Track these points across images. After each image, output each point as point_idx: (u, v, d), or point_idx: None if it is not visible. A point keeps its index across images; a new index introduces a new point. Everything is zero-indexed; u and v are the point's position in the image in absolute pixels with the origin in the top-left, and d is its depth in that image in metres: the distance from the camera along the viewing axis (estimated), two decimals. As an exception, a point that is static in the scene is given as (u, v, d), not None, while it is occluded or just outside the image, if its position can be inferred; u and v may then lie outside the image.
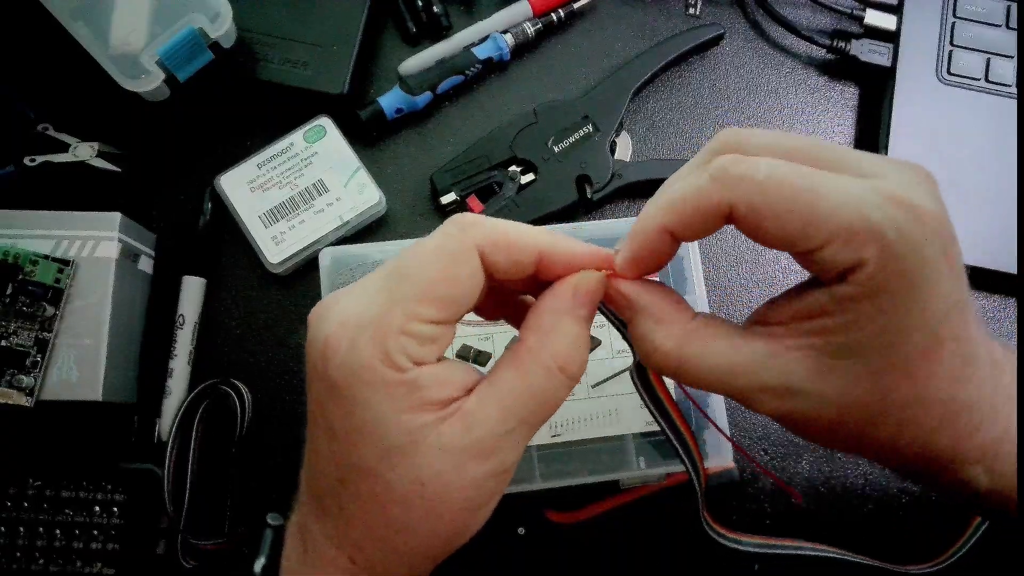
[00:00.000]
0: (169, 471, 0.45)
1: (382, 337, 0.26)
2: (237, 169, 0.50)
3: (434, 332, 0.26)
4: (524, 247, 0.27)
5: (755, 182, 0.24)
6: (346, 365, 0.26)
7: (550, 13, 0.54)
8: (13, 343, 0.43)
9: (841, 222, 0.23)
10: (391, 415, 0.26)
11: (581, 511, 0.46)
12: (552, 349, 0.27)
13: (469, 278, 0.27)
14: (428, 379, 0.26)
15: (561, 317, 0.27)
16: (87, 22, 0.47)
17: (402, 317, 0.26)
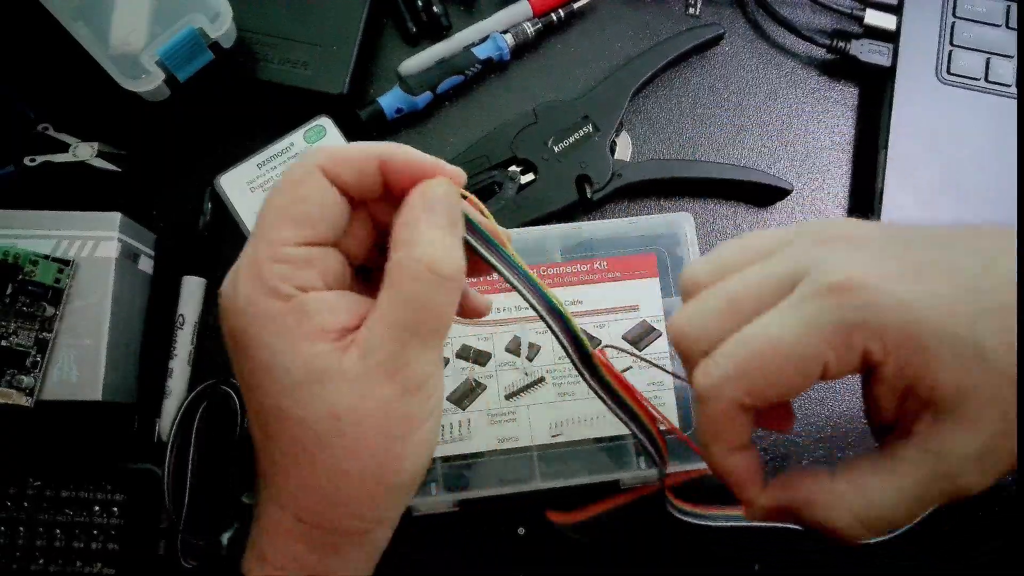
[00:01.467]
0: (169, 471, 0.45)
1: (255, 270, 0.26)
2: (237, 169, 0.50)
3: (305, 253, 0.27)
4: (361, 157, 0.28)
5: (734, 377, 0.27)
6: (234, 309, 0.27)
7: (550, 13, 0.54)
8: (13, 343, 0.43)
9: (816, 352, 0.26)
10: (286, 347, 0.26)
11: (581, 511, 0.46)
12: (413, 254, 0.27)
13: (317, 194, 0.27)
14: (316, 304, 0.26)
15: (415, 224, 0.27)
16: (87, 22, 0.47)
17: (267, 247, 0.26)
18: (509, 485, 0.44)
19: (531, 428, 0.44)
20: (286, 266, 0.26)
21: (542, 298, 0.31)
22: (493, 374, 0.45)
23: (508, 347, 0.45)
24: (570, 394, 0.45)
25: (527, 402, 0.45)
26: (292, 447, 0.27)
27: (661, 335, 0.46)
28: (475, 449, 0.44)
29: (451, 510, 0.45)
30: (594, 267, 0.47)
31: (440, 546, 0.47)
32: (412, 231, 0.27)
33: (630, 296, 0.46)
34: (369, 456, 0.27)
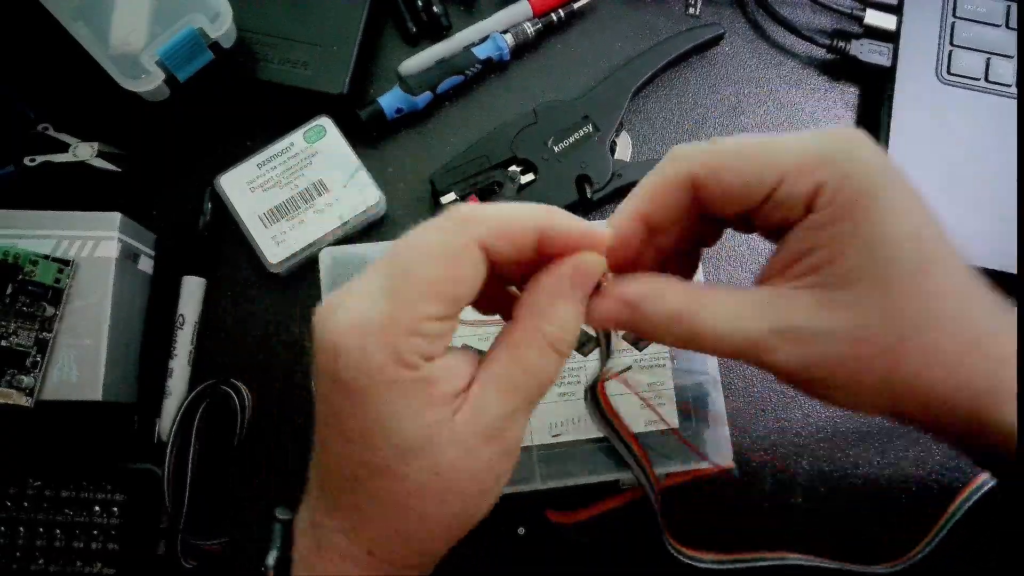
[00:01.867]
0: (169, 471, 0.45)
1: (393, 339, 0.26)
2: (237, 169, 0.50)
3: (441, 329, 0.27)
4: (525, 232, 0.27)
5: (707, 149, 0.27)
6: (358, 368, 0.26)
7: (550, 13, 0.54)
8: (13, 343, 0.43)
9: (791, 157, 0.26)
10: (408, 414, 0.26)
11: (581, 511, 0.46)
12: (546, 328, 0.27)
13: (473, 275, 0.27)
14: (440, 373, 0.26)
15: (557, 298, 0.28)
16: (87, 22, 0.47)
17: (409, 318, 0.26)
18: (509, 485, 0.44)
19: (531, 428, 0.44)
20: (422, 340, 0.26)
21: None
22: (493, 374, 0.45)
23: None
24: (570, 394, 0.45)
25: (527, 402, 0.45)
26: (386, 498, 0.27)
27: (661, 335, 0.46)
28: (475, 449, 0.44)
29: (451, 510, 0.45)
30: (594, 267, 0.47)
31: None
32: (551, 301, 0.28)
33: (630, 296, 0.46)
34: (459, 508, 0.28)
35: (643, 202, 0.29)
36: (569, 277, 0.28)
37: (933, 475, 0.49)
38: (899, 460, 0.49)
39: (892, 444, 0.50)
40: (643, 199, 0.29)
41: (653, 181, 0.28)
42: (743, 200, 0.27)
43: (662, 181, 0.28)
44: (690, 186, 0.28)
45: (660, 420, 0.44)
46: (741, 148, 0.27)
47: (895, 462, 0.49)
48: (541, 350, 0.27)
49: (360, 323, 0.26)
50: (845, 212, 0.25)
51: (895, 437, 0.50)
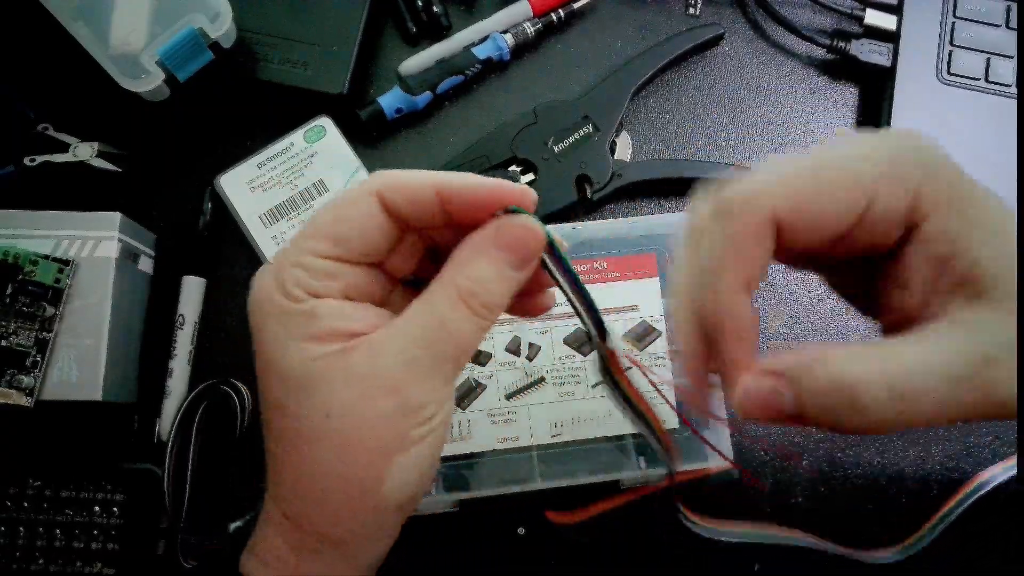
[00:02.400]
0: (169, 471, 0.45)
1: (277, 270, 0.27)
2: (237, 169, 0.50)
3: (328, 267, 0.27)
4: (418, 185, 0.28)
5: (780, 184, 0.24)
6: (252, 302, 0.28)
7: (550, 13, 0.54)
8: (13, 343, 0.43)
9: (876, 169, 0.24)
10: (289, 342, 0.26)
11: (581, 511, 0.46)
12: (459, 280, 0.27)
13: (361, 217, 0.28)
14: (327, 310, 0.27)
15: (476, 253, 0.27)
16: (87, 22, 0.47)
17: (295, 252, 0.27)
18: (509, 485, 0.44)
19: (531, 428, 0.44)
20: (304, 272, 0.27)
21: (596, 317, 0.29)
22: (493, 374, 0.45)
23: (508, 347, 0.45)
24: (570, 394, 0.45)
25: (527, 402, 0.45)
26: (284, 439, 0.27)
27: (661, 335, 0.46)
28: (475, 449, 0.44)
29: (451, 510, 0.45)
30: (594, 267, 0.47)
31: (440, 546, 0.47)
32: (466, 257, 0.27)
33: (630, 296, 0.46)
34: (354, 462, 0.27)
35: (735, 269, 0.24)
36: (489, 232, 0.27)
37: (933, 475, 0.49)
38: (899, 460, 0.49)
39: (892, 444, 0.50)
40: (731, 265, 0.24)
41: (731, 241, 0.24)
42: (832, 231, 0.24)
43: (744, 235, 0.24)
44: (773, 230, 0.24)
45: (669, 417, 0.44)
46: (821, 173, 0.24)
47: (895, 462, 0.49)
48: (452, 302, 0.27)
49: (263, 266, 0.28)
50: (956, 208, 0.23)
51: (895, 437, 0.50)
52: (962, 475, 0.49)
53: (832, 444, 0.49)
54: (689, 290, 0.26)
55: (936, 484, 0.49)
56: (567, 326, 0.46)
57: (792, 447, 0.49)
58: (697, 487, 0.46)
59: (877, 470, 0.49)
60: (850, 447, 0.49)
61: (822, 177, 0.24)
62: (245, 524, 0.45)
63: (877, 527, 0.48)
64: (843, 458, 0.49)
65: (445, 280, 0.27)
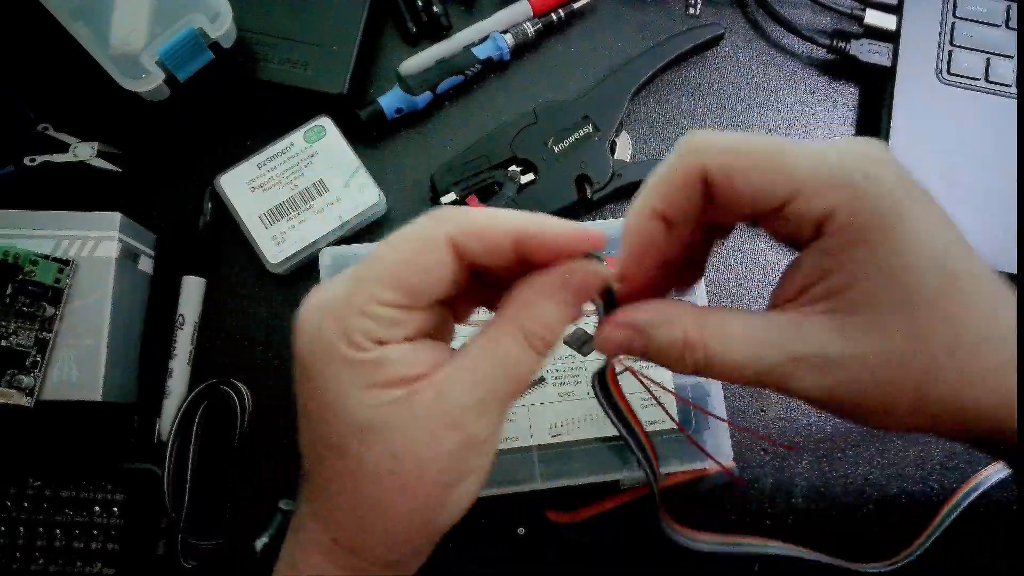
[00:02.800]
0: (169, 471, 0.45)
1: (343, 317, 0.26)
2: (237, 169, 0.50)
3: (396, 316, 0.27)
4: (497, 233, 0.27)
5: (722, 145, 0.26)
6: (311, 344, 0.27)
7: (550, 13, 0.54)
8: (13, 343, 0.43)
9: (806, 172, 0.25)
10: (357, 391, 0.26)
11: (581, 511, 0.46)
12: (524, 320, 0.27)
13: (435, 266, 0.27)
14: (393, 356, 0.26)
15: (542, 295, 0.28)
16: (87, 22, 0.47)
17: (363, 298, 0.26)
18: (509, 485, 0.44)
19: (531, 428, 0.44)
20: (373, 323, 0.26)
21: None
22: (493, 374, 0.45)
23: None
24: (570, 394, 0.45)
25: (527, 402, 0.45)
26: (346, 478, 0.27)
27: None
28: (475, 449, 0.44)
29: (451, 510, 0.45)
30: (594, 267, 0.47)
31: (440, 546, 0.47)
32: (533, 300, 0.27)
33: (630, 296, 0.46)
34: (419, 499, 0.27)
35: (655, 195, 0.27)
36: (558, 277, 0.28)
37: (933, 475, 0.49)
38: (899, 460, 0.49)
39: (892, 444, 0.50)
40: (655, 195, 0.27)
41: (665, 175, 0.27)
42: (751, 208, 0.26)
43: (673, 173, 0.27)
44: (702, 178, 0.26)
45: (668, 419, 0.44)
46: (761, 153, 0.26)
47: (895, 462, 0.49)
48: (516, 342, 0.27)
49: (319, 303, 0.27)
50: (859, 237, 0.24)
51: (895, 437, 0.50)
52: (962, 475, 0.49)
53: (832, 444, 0.49)
54: None
55: (936, 483, 0.49)
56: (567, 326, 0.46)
57: (792, 447, 0.49)
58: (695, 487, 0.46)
59: (877, 470, 0.49)
60: (850, 447, 0.49)
61: (759, 159, 0.26)
62: (273, 541, 0.45)
63: (877, 527, 0.48)
64: (843, 458, 0.49)
65: (508, 318, 0.27)
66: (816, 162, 0.25)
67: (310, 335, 0.27)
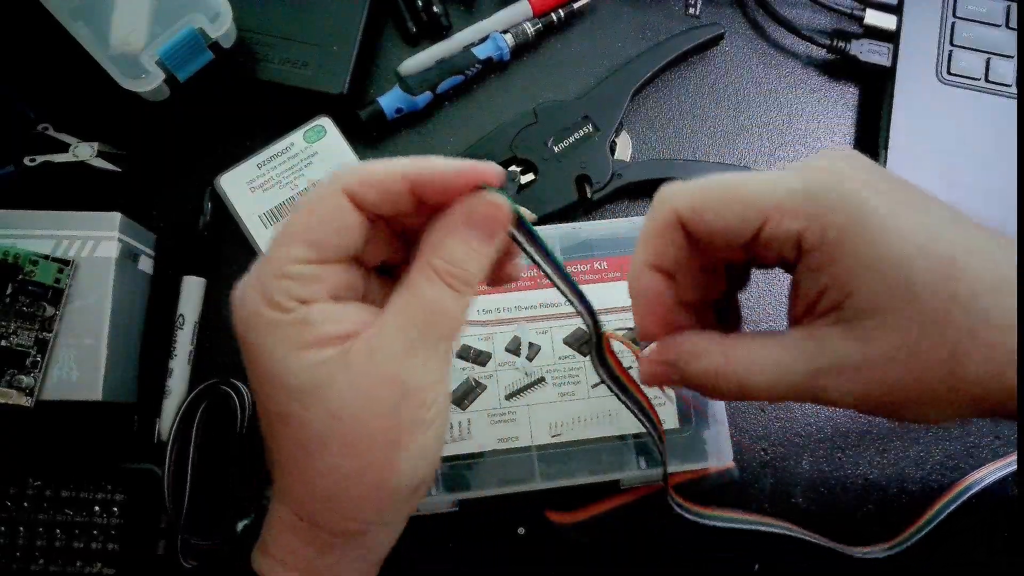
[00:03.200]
0: (169, 471, 0.45)
1: (261, 283, 0.27)
2: (237, 169, 0.50)
3: (312, 271, 0.27)
4: (387, 176, 0.28)
5: (690, 189, 0.28)
6: (240, 318, 0.28)
7: (550, 13, 0.54)
8: (13, 343, 0.43)
9: (769, 199, 0.26)
10: (288, 354, 0.26)
11: (581, 511, 0.46)
12: (435, 262, 0.27)
13: (334, 216, 0.28)
14: (318, 315, 0.27)
15: (447, 233, 0.28)
16: (87, 22, 0.47)
17: (276, 262, 0.27)
18: (509, 485, 0.44)
19: (531, 428, 0.44)
20: (290, 282, 0.27)
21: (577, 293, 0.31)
22: (493, 374, 0.45)
23: (508, 347, 0.45)
24: (570, 394, 0.45)
25: (527, 402, 0.45)
26: (293, 447, 0.27)
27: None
28: (475, 449, 0.44)
29: (451, 510, 0.45)
30: (594, 267, 0.47)
31: (440, 546, 0.47)
32: (440, 237, 0.28)
33: (630, 296, 0.46)
34: (366, 458, 0.27)
35: (643, 251, 0.29)
36: (458, 213, 0.28)
37: (933, 475, 0.49)
38: (899, 460, 0.49)
39: (892, 444, 0.50)
40: (645, 250, 0.29)
41: (648, 229, 0.29)
42: (729, 241, 0.27)
43: (653, 226, 0.29)
44: (679, 227, 0.28)
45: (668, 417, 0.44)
46: (724, 188, 0.27)
47: (895, 462, 0.49)
48: (431, 282, 0.27)
49: (243, 279, 0.28)
50: (838, 249, 0.25)
51: (895, 437, 0.50)
52: (962, 474, 0.49)
53: (832, 444, 0.49)
54: None
55: (936, 483, 0.49)
56: (567, 326, 0.46)
57: (792, 447, 0.49)
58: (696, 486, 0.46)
59: (877, 470, 0.49)
60: (850, 447, 0.49)
61: (726, 194, 0.27)
62: (252, 522, 0.45)
63: (877, 527, 0.48)
64: (843, 458, 0.49)
65: (422, 264, 0.28)
66: (775, 187, 0.26)
67: (239, 308, 0.28)
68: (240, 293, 0.28)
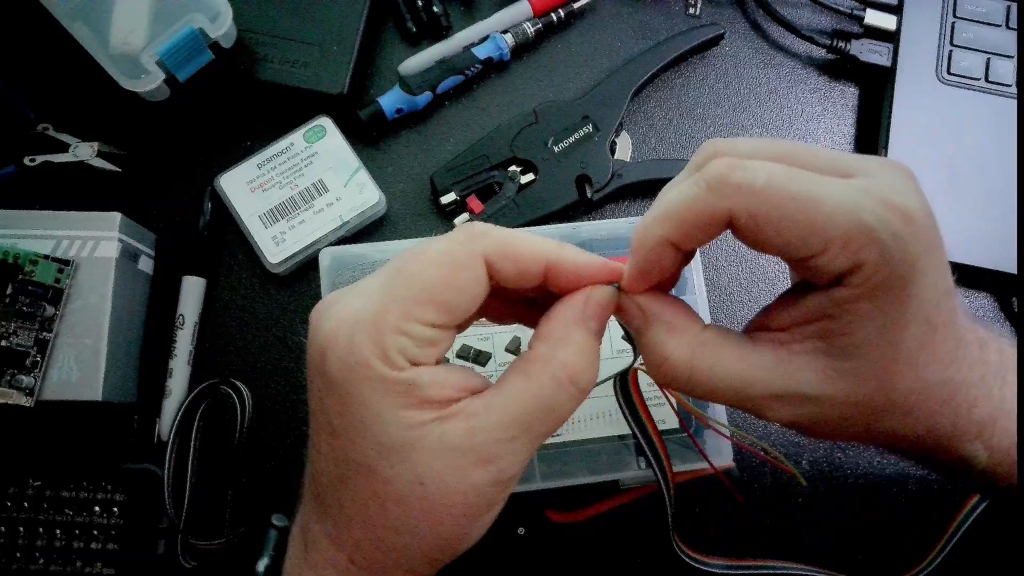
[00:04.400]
0: (169, 471, 0.45)
1: (379, 334, 0.26)
2: (237, 169, 0.50)
3: (432, 335, 0.26)
4: (531, 258, 0.27)
5: (753, 190, 0.24)
6: (343, 361, 0.26)
7: (550, 13, 0.54)
8: (13, 343, 0.43)
9: (839, 229, 0.24)
10: (389, 411, 0.26)
11: (581, 511, 0.46)
12: (562, 358, 0.27)
13: (472, 286, 0.27)
14: (426, 379, 0.26)
15: (572, 328, 0.28)
16: (87, 22, 0.47)
17: (400, 317, 0.26)
18: (509, 485, 0.44)
19: (531, 428, 0.44)
20: (410, 341, 0.26)
21: None
22: (493, 374, 0.45)
23: (508, 347, 0.45)
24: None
25: (527, 402, 0.45)
26: (369, 500, 0.27)
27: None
28: (475, 449, 0.44)
29: (451, 510, 0.45)
30: (594, 267, 0.47)
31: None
32: (566, 331, 0.27)
33: (630, 296, 0.46)
34: (445, 525, 0.27)
35: (673, 232, 0.26)
36: (583, 306, 0.28)
37: (932, 475, 0.49)
38: (899, 460, 0.49)
39: (892, 444, 0.50)
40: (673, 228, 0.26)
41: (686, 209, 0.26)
42: (776, 251, 0.26)
43: (696, 213, 0.25)
44: (727, 221, 0.25)
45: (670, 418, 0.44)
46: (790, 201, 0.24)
47: (895, 462, 0.49)
48: (556, 381, 0.27)
49: (350, 318, 0.26)
50: (872, 293, 0.25)
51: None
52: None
53: (832, 444, 0.49)
54: None
55: (936, 483, 0.49)
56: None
57: (792, 447, 0.49)
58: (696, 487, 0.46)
59: (877, 470, 0.49)
60: (851, 447, 0.49)
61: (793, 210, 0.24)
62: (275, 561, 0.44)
63: (876, 527, 0.48)
64: (843, 458, 0.49)
65: (545, 357, 0.27)
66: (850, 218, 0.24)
67: (343, 350, 0.26)
68: (347, 334, 0.26)
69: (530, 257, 0.27)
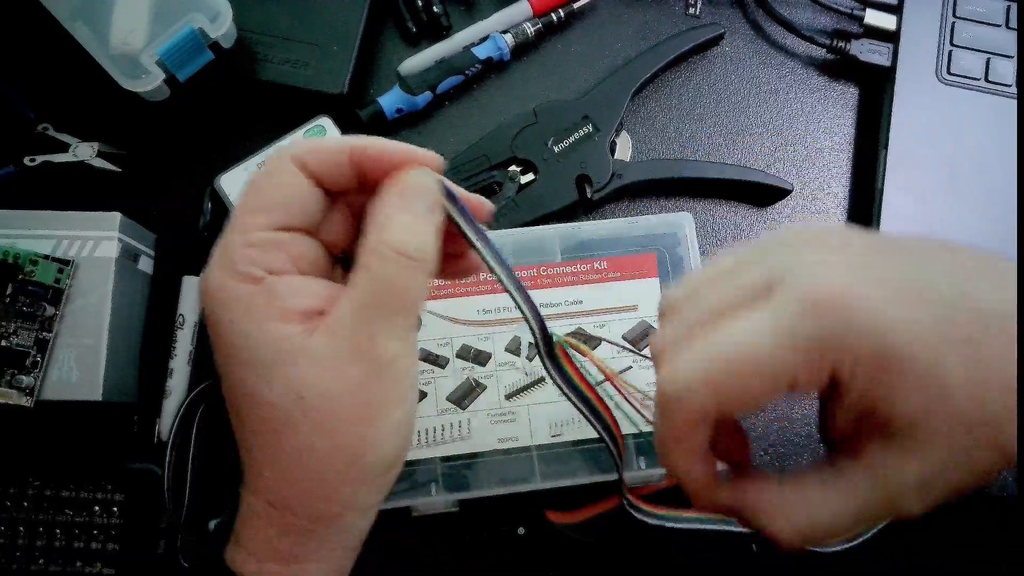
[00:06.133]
0: (169, 471, 0.45)
1: (227, 255, 0.27)
2: (237, 169, 0.50)
3: (274, 237, 0.28)
4: (336, 148, 0.29)
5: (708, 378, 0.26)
6: (207, 295, 0.28)
7: (550, 13, 0.54)
8: (13, 343, 0.43)
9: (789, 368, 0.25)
10: (253, 327, 0.27)
11: (581, 511, 0.46)
12: (384, 237, 0.28)
13: (288, 182, 0.28)
14: (285, 287, 0.27)
15: (386, 209, 0.28)
16: (87, 22, 0.47)
17: (239, 232, 0.27)
18: (509, 485, 0.44)
19: (531, 428, 0.44)
20: (255, 250, 0.27)
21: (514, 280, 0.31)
22: (493, 374, 0.45)
23: (508, 347, 0.45)
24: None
25: (527, 402, 0.45)
26: (260, 428, 0.27)
27: (661, 335, 0.46)
28: (475, 449, 0.44)
29: (451, 510, 0.45)
30: (594, 267, 0.47)
31: (440, 546, 0.47)
32: (384, 215, 0.28)
33: (630, 296, 0.46)
34: (338, 437, 0.27)
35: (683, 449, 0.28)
36: (396, 187, 0.28)
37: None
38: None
39: (892, 444, 0.50)
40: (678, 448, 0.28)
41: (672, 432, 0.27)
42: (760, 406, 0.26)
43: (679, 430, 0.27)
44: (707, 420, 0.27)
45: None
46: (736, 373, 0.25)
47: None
48: (386, 256, 0.27)
49: (207, 265, 0.28)
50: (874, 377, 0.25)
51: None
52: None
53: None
54: None
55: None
56: (568, 327, 0.46)
57: (792, 447, 0.49)
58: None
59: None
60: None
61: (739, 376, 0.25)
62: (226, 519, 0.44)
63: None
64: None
65: (370, 241, 0.28)
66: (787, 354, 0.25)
67: (205, 289, 0.28)
68: (207, 267, 0.28)
69: (335, 147, 0.29)
